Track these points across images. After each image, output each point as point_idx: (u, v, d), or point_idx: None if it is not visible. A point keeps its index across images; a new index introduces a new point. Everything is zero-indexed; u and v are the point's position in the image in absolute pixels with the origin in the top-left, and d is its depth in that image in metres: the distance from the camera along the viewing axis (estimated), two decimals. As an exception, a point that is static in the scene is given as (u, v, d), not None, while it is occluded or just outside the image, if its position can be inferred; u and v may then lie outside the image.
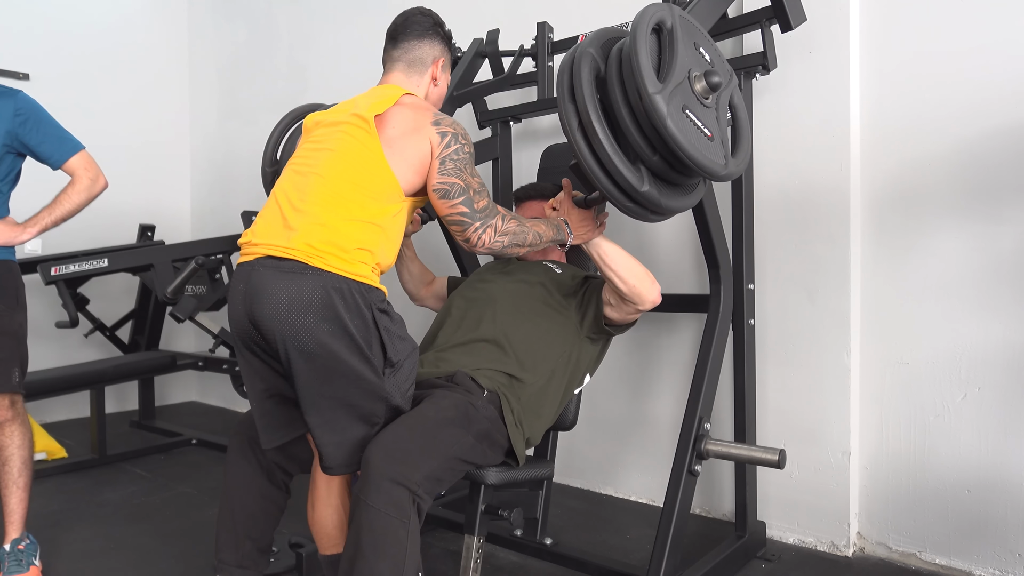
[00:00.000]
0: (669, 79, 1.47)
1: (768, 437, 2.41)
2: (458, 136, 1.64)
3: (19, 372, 2.12)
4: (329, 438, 1.53)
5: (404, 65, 1.78)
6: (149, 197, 4.78)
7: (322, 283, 1.48)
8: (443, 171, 1.61)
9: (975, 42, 2.10)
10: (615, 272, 1.83)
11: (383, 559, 1.41)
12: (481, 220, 1.62)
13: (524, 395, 1.84)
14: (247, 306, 1.51)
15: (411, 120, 1.63)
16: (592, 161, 1.55)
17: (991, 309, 2.08)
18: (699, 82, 1.55)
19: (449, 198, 1.61)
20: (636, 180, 1.55)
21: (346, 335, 1.48)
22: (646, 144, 1.53)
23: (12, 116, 2.09)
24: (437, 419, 1.60)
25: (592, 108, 1.51)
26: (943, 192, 2.16)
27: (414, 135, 1.61)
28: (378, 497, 1.42)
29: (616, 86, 1.52)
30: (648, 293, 1.84)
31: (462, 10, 3.33)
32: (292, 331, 1.46)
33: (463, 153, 1.64)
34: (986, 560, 2.10)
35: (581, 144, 1.54)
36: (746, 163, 1.69)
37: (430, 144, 1.61)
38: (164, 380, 4.73)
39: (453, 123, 1.65)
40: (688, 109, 1.51)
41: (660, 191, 1.61)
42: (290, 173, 1.64)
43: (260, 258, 1.53)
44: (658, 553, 1.84)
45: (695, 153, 1.49)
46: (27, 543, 2.15)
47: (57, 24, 4.37)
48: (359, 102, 1.68)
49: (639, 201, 1.62)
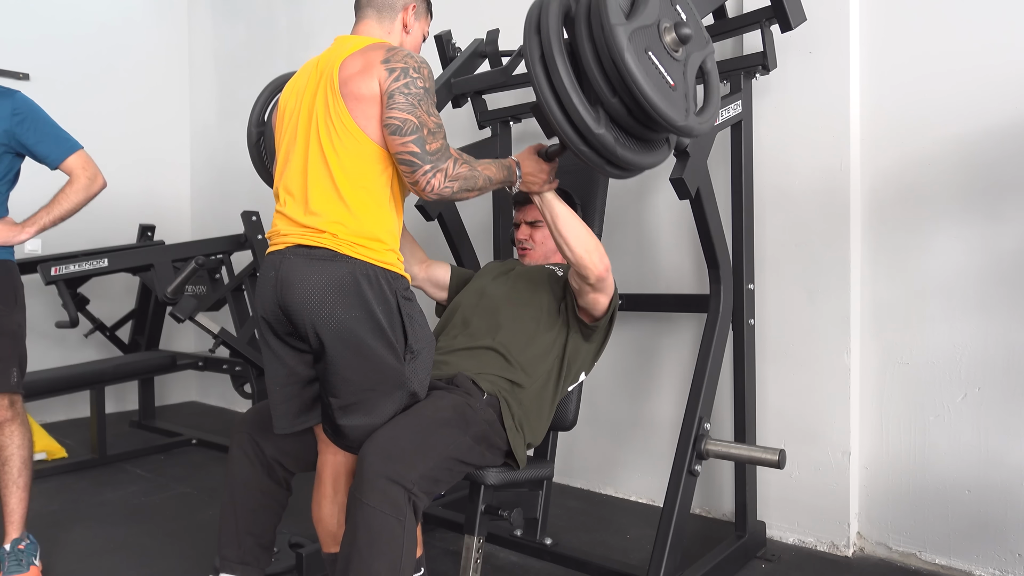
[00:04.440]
0: (635, 19, 1.44)
1: (768, 437, 2.41)
2: (409, 69, 1.52)
3: (18, 372, 2.12)
4: (353, 420, 1.55)
5: (374, 11, 1.70)
6: (149, 197, 4.78)
7: (351, 269, 1.51)
8: (392, 105, 1.50)
9: (975, 42, 2.10)
10: (562, 235, 1.78)
11: (379, 557, 1.41)
12: (432, 163, 1.51)
13: (524, 399, 1.84)
14: (278, 293, 1.53)
15: (361, 65, 1.54)
16: (550, 96, 1.50)
17: (991, 309, 2.08)
18: (669, 33, 1.51)
19: (400, 135, 1.50)
20: (592, 121, 1.49)
21: (372, 320, 1.51)
22: (606, 84, 1.48)
23: (10, 116, 2.09)
24: (434, 419, 1.60)
25: (555, 41, 1.47)
26: (943, 192, 2.16)
27: (365, 80, 1.52)
28: (373, 495, 1.42)
29: (583, 23, 1.48)
30: (595, 264, 1.76)
31: (463, 10, 3.33)
32: (321, 315, 1.49)
33: (415, 87, 1.52)
34: (986, 560, 2.10)
35: (541, 77, 1.49)
36: (710, 125, 1.62)
37: (378, 82, 1.51)
38: (164, 380, 4.73)
39: (407, 56, 1.54)
40: (651, 52, 1.47)
41: (617, 139, 1.55)
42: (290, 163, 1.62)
43: (291, 247, 1.56)
44: (658, 553, 1.84)
45: (652, 94, 1.43)
46: (27, 543, 2.15)
47: (57, 24, 4.37)
48: (323, 65, 1.60)
49: (594, 145, 1.54)
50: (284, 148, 1.65)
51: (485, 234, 3.03)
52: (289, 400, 1.63)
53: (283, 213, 1.60)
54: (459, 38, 2.88)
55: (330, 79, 1.55)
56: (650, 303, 2.59)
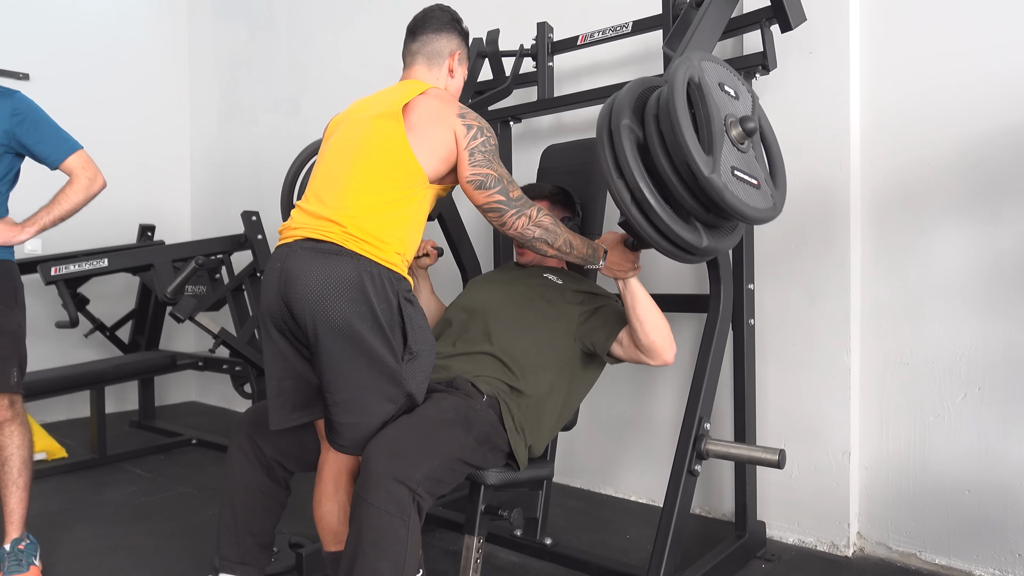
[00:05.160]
0: (713, 145, 1.53)
1: (768, 437, 2.41)
2: (483, 129, 1.70)
3: (18, 372, 2.12)
4: (346, 418, 1.55)
5: (424, 58, 1.85)
6: (149, 197, 4.78)
7: (355, 266, 1.53)
8: (474, 163, 1.66)
9: (975, 42, 2.10)
10: (640, 320, 1.85)
11: (383, 557, 1.41)
12: (517, 208, 1.69)
13: (524, 404, 1.84)
14: (281, 286, 1.56)
15: (436, 110, 1.69)
16: (651, 229, 1.62)
17: (991, 309, 2.08)
18: (735, 128, 1.62)
19: (485, 188, 1.67)
20: (695, 239, 1.64)
21: (372, 317, 1.53)
22: (699, 206, 1.62)
23: (10, 116, 2.09)
24: (437, 420, 1.61)
25: (644, 184, 1.57)
26: (943, 192, 2.16)
27: (439, 124, 1.66)
28: (378, 495, 1.42)
29: (662, 155, 1.58)
30: (665, 352, 1.88)
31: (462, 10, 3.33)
32: (322, 308, 1.51)
33: (490, 145, 1.69)
34: (986, 560, 2.10)
35: (638, 216, 1.61)
36: (786, 189, 1.78)
37: (455, 135, 1.66)
38: (164, 380, 4.73)
39: (477, 116, 1.71)
40: (736, 169, 1.58)
41: (713, 239, 1.69)
42: (321, 169, 1.70)
43: (299, 240, 1.59)
44: (658, 553, 1.84)
45: (754, 213, 1.60)
46: (27, 543, 2.15)
47: (57, 24, 4.37)
48: (382, 98, 1.74)
49: (696, 253, 1.72)
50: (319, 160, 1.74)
51: (485, 234, 3.03)
52: (285, 395, 1.63)
53: (301, 208, 1.66)
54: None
55: (395, 108, 1.65)
56: (650, 303, 2.58)
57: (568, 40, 2.61)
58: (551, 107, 2.63)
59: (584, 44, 2.56)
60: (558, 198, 2.25)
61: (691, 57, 1.61)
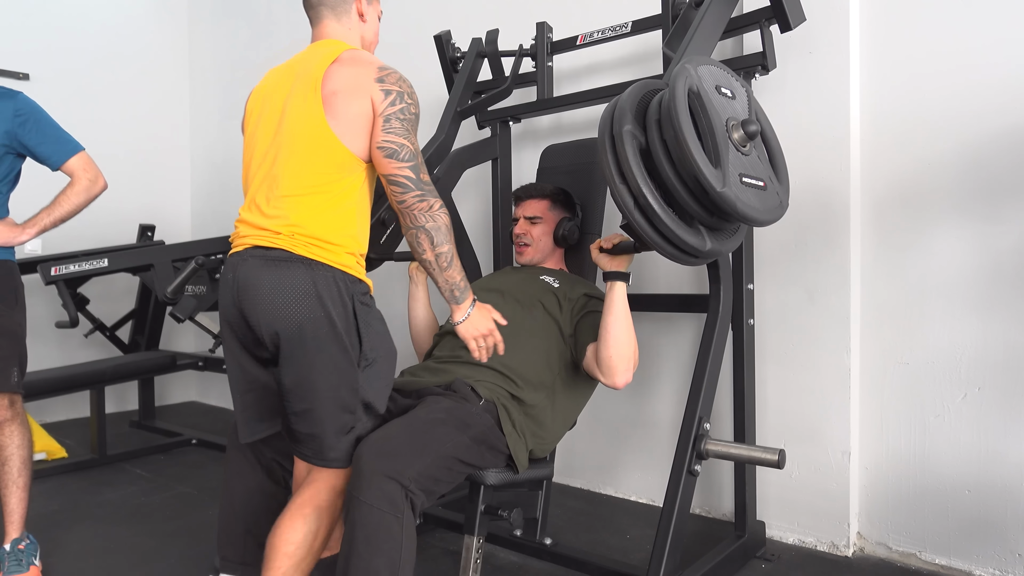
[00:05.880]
0: (719, 155, 1.54)
1: (768, 437, 2.41)
2: (404, 95, 1.56)
3: (18, 372, 2.12)
4: (305, 427, 1.53)
5: (328, 9, 1.68)
6: (149, 197, 4.78)
7: (307, 271, 1.50)
8: (389, 129, 1.54)
9: (975, 42, 2.10)
10: (607, 329, 1.83)
11: (378, 555, 1.41)
12: (423, 192, 1.56)
13: (525, 411, 1.85)
14: (235, 295, 1.53)
15: (351, 79, 1.54)
16: (654, 234, 1.62)
17: (991, 309, 2.08)
18: (736, 131, 1.62)
19: (397, 159, 1.54)
20: (699, 243, 1.65)
21: (328, 322, 1.50)
22: (703, 210, 1.62)
23: (12, 117, 2.10)
24: (428, 419, 1.62)
25: (647, 190, 1.57)
26: (943, 192, 2.16)
27: (355, 95, 1.53)
28: (370, 492, 1.43)
29: (664, 161, 1.58)
30: (618, 373, 1.83)
31: (462, 10, 3.34)
32: (276, 317, 1.48)
33: (409, 113, 1.57)
34: (986, 560, 2.10)
35: (641, 221, 1.60)
36: (788, 182, 1.79)
37: (371, 102, 1.54)
38: (164, 380, 4.73)
39: (400, 79, 1.58)
40: (744, 176, 1.59)
41: (716, 242, 1.69)
42: (254, 170, 1.61)
43: (248, 248, 1.55)
44: (658, 553, 1.84)
45: (765, 216, 1.61)
46: (27, 543, 2.16)
47: (57, 24, 4.37)
48: (298, 72, 1.59)
49: (699, 256, 1.72)
50: (249, 153, 1.65)
51: (485, 234, 3.03)
52: (250, 407, 1.63)
53: (244, 219, 1.60)
54: (459, 38, 2.88)
55: (312, 87, 1.53)
56: (650, 303, 2.58)
57: (567, 40, 2.61)
58: (550, 107, 2.63)
59: (584, 44, 2.56)
60: (559, 198, 2.25)
61: (688, 66, 1.61)
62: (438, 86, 3.06)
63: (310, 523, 1.54)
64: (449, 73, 2.81)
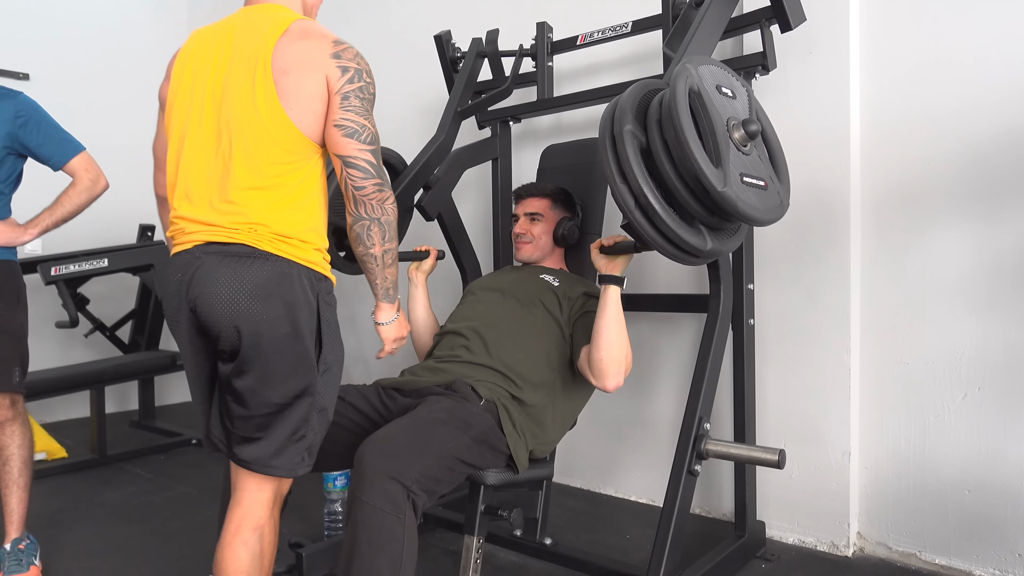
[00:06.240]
0: (720, 155, 1.54)
1: (768, 437, 2.41)
2: (362, 72, 1.45)
3: (19, 372, 2.12)
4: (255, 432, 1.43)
5: None
6: (149, 197, 4.72)
7: (273, 267, 1.39)
8: (348, 107, 1.42)
9: (976, 42, 2.10)
10: (599, 331, 1.82)
11: (381, 555, 1.41)
12: (382, 180, 1.47)
13: (526, 412, 1.85)
14: (190, 295, 1.40)
15: (304, 55, 1.41)
16: (655, 233, 1.62)
17: (991, 309, 2.08)
18: (737, 131, 1.62)
19: (358, 140, 1.43)
20: (700, 242, 1.64)
21: (291, 323, 1.39)
22: (704, 210, 1.62)
23: (13, 118, 2.10)
24: (429, 420, 1.62)
25: (648, 190, 1.57)
26: (943, 192, 2.16)
27: (309, 72, 1.40)
28: (372, 493, 1.43)
29: (665, 161, 1.57)
30: (608, 376, 1.82)
31: (463, 10, 3.34)
32: (239, 316, 1.36)
33: (368, 92, 1.46)
34: (986, 560, 2.10)
35: (642, 221, 1.60)
36: (789, 181, 1.79)
37: (326, 80, 1.41)
38: (164, 380, 4.73)
39: (358, 56, 1.46)
40: (744, 176, 1.59)
41: (717, 241, 1.69)
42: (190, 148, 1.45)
43: (200, 245, 1.41)
44: (658, 553, 1.84)
45: (766, 216, 1.62)
46: (27, 543, 2.16)
47: (57, 24, 4.38)
48: (238, 40, 1.43)
49: (700, 256, 1.72)
50: (177, 131, 1.48)
51: (485, 234, 3.03)
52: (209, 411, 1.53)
53: (183, 213, 1.44)
54: (459, 38, 2.88)
55: (260, 65, 1.39)
56: (650, 303, 2.59)
57: (568, 40, 2.61)
58: (550, 107, 2.63)
59: (584, 44, 2.57)
60: (559, 198, 2.25)
61: (688, 66, 1.61)
62: (438, 86, 3.06)
63: (252, 547, 1.44)
64: (449, 73, 2.81)
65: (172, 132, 1.49)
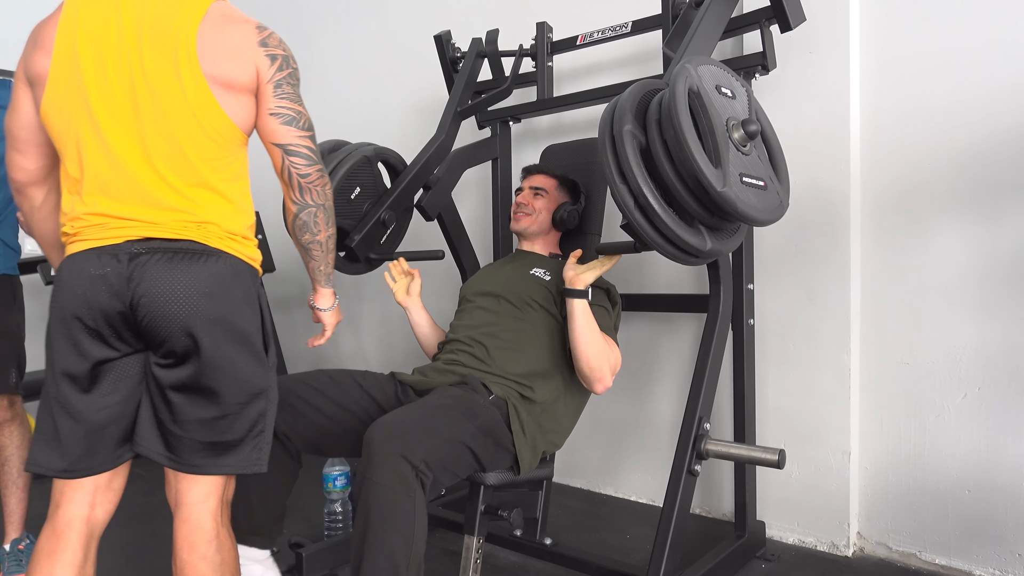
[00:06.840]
0: (719, 155, 1.54)
1: (768, 437, 2.41)
2: (289, 59, 1.43)
3: (16, 373, 2.12)
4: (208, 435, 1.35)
5: None
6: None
7: (227, 264, 1.35)
8: (282, 95, 1.39)
9: (976, 42, 2.10)
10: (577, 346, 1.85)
11: (393, 533, 1.44)
12: (323, 166, 1.48)
13: (535, 411, 1.86)
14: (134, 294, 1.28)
15: (232, 42, 1.35)
16: (654, 233, 1.62)
17: (991, 309, 2.08)
18: (737, 131, 1.62)
19: (298, 127, 1.41)
20: (700, 242, 1.65)
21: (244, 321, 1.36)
22: (703, 210, 1.62)
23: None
24: (437, 405, 1.66)
25: (648, 190, 1.57)
26: (943, 192, 2.16)
27: (238, 61, 1.35)
28: (383, 473, 1.45)
29: (665, 161, 1.57)
30: (596, 384, 1.88)
31: (463, 10, 3.33)
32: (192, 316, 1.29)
33: (295, 79, 1.43)
34: (986, 560, 2.10)
35: (641, 221, 1.60)
36: (789, 181, 1.79)
37: (256, 71, 1.37)
38: (164, 380, 4.71)
39: (280, 41, 1.44)
40: (744, 176, 1.59)
41: (716, 241, 1.69)
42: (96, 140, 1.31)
43: (137, 240, 1.30)
44: (658, 553, 1.84)
45: (765, 216, 1.62)
46: (27, 543, 2.16)
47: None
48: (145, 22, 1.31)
49: (700, 256, 1.72)
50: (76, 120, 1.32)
51: (485, 234, 3.03)
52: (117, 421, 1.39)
53: (101, 209, 1.31)
54: (459, 38, 2.88)
55: (184, 52, 1.30)
56: (650, 303, 2.59)
57: (567, 40, 2.61)
58: (550, 107, 2.63)
59: (583, 44, 2.56)
60: (566, 182, 2.27)
61: (688, 66, 1.62)
62: (438, 86, 3.06)
63: (212, 560, 1.41)
64: (449, 73, 2.81)
65: (61, 116, 1.32)
